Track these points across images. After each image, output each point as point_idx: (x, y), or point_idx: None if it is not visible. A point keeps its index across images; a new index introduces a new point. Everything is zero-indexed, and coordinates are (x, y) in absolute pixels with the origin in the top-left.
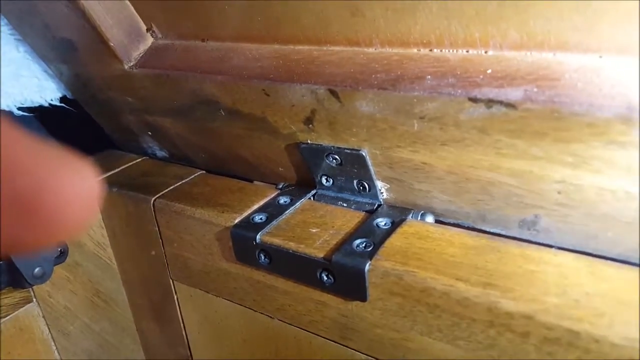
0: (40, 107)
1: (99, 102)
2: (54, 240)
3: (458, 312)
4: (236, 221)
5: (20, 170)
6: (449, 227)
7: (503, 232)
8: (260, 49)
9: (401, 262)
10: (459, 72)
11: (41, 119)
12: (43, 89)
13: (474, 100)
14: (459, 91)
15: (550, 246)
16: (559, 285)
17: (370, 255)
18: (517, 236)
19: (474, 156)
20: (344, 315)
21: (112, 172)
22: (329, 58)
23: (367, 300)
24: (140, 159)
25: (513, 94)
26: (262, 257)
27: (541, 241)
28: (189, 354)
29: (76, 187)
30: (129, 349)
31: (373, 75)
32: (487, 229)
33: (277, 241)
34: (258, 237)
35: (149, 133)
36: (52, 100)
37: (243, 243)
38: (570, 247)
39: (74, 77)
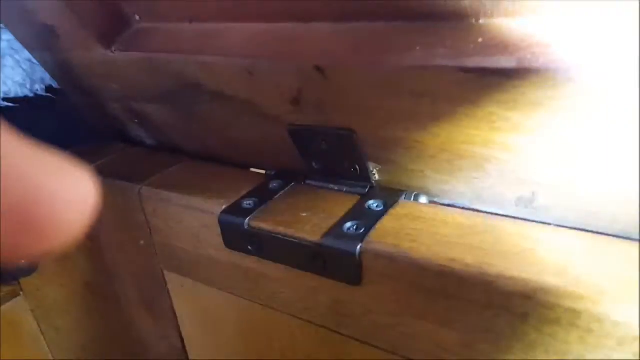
0: (26, 97)
1: (84, 90)
2: (50, 248)
3: (453, 294)
4: (224, 207)
5: (14, 175)
6: (444, 207)
7: (499, 212)
8: (245, 28)
9: (393, 243)
10: (449, 43)
11: (27, 110)
12: (28, 78)
13: (465, 70)
14: (450, 62)
15: (549, 224)
16: (559, 264)
17: (362, 238)
18: (514, 215)
19: (467, 131)
20: (337, 301)
21: (99, 161)
22: (314, 35)
23: (360, 284)
24: (127, 148)
25: (506, 62)
26: (252, 244)
27: (539, 219)
28: (182, 345)
29: (73, 192)
30: (122, 342)
31: (360, 50)
32: (483, 209)
33: (266, 226)
34: (246, 222)
35: (136, 121)
36: (37, 90)
37: (231, 229)
38: (569, 225)
39: (57, 65)
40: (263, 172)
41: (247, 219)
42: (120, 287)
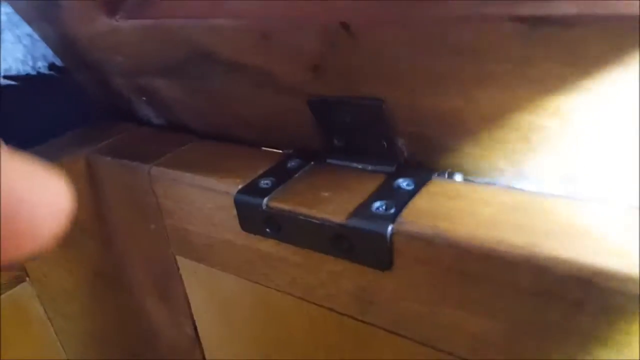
0: (28, 75)
1: (88, 65)
2: (26, 253)
3: (499, 279)
4: (240, 187)
5: (5, 191)
6: (482, 185)
7: (543, 189)
8: None
9: (429, 224)
10: None
11: (29, 88)
12: (29, 54)
13: (517, 19)
14: (499, 10)
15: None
16: (618, 245)
17: (393, 218)
18: (559, 194)
19: (514, 95)
20: (362, 287)
21: (106, 141)
22: None
23: (391, 269)
24: (134, 128)
25: (565, 8)
26: (270, 225)
27: (587, 198)
28: (196, 333)
29: (50, 201)
30: (132, 329)
31: (392, 3)
32: (524, 187)
33: (285, 206)
34: (264, 202)
35: (143, 98)
36: (39, 67)
37: (248, 210)
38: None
39: (59, 39)
40: (280, 151)
41: (265, 199)
42: (131, 272)
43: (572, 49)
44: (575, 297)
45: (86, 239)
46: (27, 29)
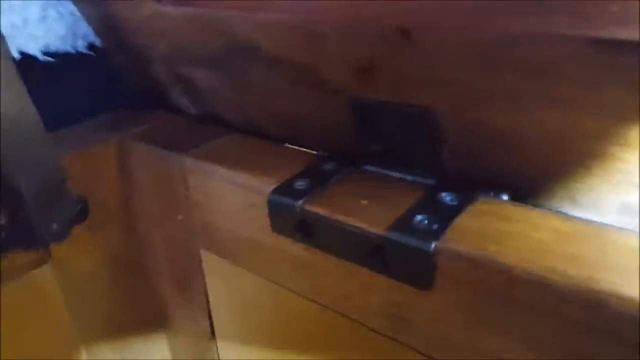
0: (67, 53)
1: (129, 49)
2: None
3: (548, 309)
4: (274, 186)
5: None
6: (533, 208)
7: (597, 218)
8: None
9: (477, 245)
10: (573, 10)
11: (66, 66)
12: (70, 32)
13: (595, 42)
14: (575, 31)
15: None
16: None
17: (437, 235)
18: (615, 224)
19: (580, 120)
20: (397, 304)
21: (140, 127)
22: None
23: (431, 288)
24: (169, 116)
25: None
26: (303, 229)
27: None
28: (211, 328)
29: None
30: (146, 316)
31: (457, 10)
32: (577, 214)
33: (321, 211)
34: (299, 204)
35: (181, 86)
36: (79, 46)
37: (281, 211)
38: None
39: (102, 20)
40: (313, 152)
41: (301, 201)
42: (152, 261)
43: None
44: (633, 338)
45: (110, 224)
46: (71, 7)
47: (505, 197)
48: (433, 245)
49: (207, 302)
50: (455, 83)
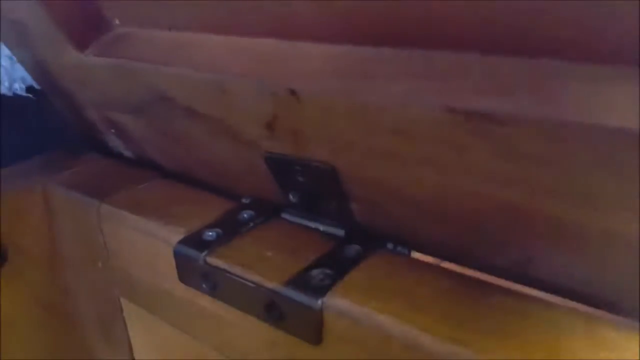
0: (4, 96)
1: (62, 93)
2: None
3: None
4: (182, 236)
5: None
6: (427, 261)
7: (489, 271)
8: (225, 41)
9: (359, 301)
10: (438, 75)
11: (4, 109)
12: (7, 76)
13: (451, 111)
14: (435, 99)
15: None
16: (550, 351)
17: (325, 291)
18: (505, 277)
19: (455, 179)
20: (295, 359)
21: (67, 171)
22: (296, 54)
23: (321, 344)
24: (101, 159)
25: (500, 105)
26: (206, 281)
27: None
28: None
29: None
30: None
31: (340, 76)
32: (470, 265)
33: (222, 264)
34: (202, 256)
35: (113, 131)
36: (17, 89)
37: (186, 262)
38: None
39: (34, 64)
40: (239, 198)
41: (204, 252)
42: (76, 306)
43: (503, 143)
44: None
45: (32, 269)
46: (7, 51)
47: (404, 251)
48: (320, 301)
49: (131, 350)
50: (345, 142)
